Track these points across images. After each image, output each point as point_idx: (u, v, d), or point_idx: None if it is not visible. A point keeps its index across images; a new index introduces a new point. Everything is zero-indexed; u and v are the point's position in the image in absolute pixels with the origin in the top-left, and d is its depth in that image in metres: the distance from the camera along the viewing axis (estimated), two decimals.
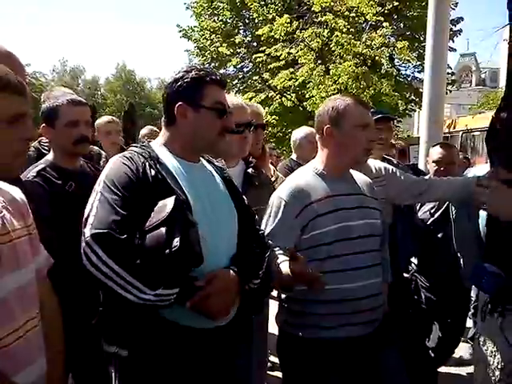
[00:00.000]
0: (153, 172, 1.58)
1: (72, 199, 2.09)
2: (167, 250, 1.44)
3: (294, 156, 4.18)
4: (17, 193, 1.41)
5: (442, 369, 3.52)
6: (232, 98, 2.23)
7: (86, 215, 1.52)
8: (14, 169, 1.34)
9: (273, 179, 2.77)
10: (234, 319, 1.69)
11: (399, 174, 2.70)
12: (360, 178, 2.16)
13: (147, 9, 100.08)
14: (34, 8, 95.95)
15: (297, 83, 11.61)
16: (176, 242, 1.44)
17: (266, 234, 1.90)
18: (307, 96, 11.60)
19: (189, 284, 1.52)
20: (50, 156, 2.29)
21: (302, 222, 1.93)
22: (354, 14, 11.01)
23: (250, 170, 2.41)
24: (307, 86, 11.56)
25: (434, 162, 3.19)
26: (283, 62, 11.80)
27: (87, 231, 1.46)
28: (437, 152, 3.21)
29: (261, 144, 2.65)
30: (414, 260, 3.18)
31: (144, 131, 4.44)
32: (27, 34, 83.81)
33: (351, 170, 2.14)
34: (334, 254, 1.91)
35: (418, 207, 3.18)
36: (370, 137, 2.00)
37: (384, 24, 11.34)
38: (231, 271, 1.63)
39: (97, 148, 3.29)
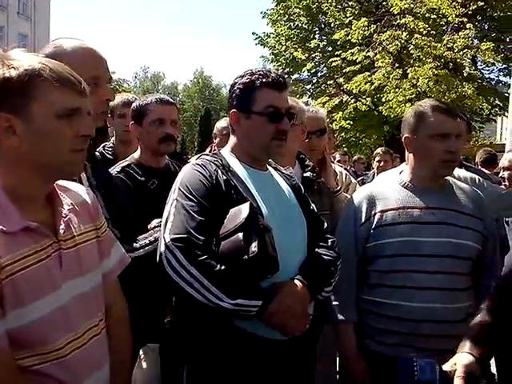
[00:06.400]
0: (225, 179, 1.58)
1: (154, 196, 2.12)
2: (245, 256, 1.40)
3: None
4: (86, 193, 1.37)
5: None
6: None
7: (163, 222, 1.53)
8: (74, 167, 1.24)
9: (339, 187, 2.55)
10: (309, 328, 1.62)
11: (486, 185, 2.53)
12: (469, 193, 1.96)
13: (224, 19, 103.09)
14: (123, 25, 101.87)
15: (373, 87, 11.39)
16: (254, 247, 1.40)
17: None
18: (383, 100, 11.35)
19: (270, 298, 1.47)
20: (136, 154, 2.36)
21: (367, 231, 1.88)
22: (434, 16, 10.63)
23: (308, 174, 2.30)
24: (384, 90, 11.32)
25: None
26: (359, 66, 11.63)
27: (167, 236, 1.46)
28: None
29: (321, 149, 2.55)
30: None
31: (221, 124, 3.58)
32: (113, 43, 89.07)
33: (459, 183, 1.99)
34: (396, 268, 1.82)
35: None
36: (450, 147, 1.80)
37: (467, 25, 10.84)
38: (298, 282, 1.56)
39: None
